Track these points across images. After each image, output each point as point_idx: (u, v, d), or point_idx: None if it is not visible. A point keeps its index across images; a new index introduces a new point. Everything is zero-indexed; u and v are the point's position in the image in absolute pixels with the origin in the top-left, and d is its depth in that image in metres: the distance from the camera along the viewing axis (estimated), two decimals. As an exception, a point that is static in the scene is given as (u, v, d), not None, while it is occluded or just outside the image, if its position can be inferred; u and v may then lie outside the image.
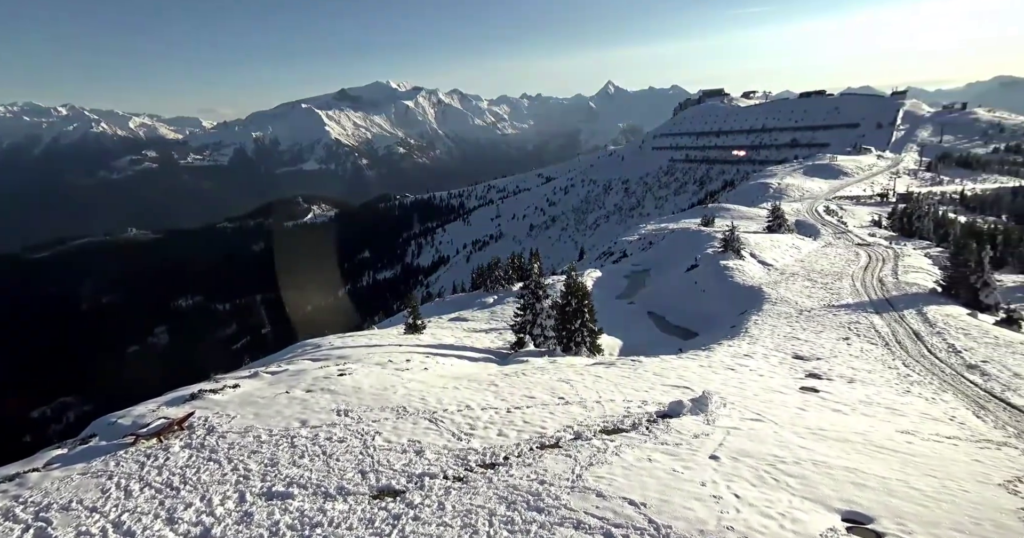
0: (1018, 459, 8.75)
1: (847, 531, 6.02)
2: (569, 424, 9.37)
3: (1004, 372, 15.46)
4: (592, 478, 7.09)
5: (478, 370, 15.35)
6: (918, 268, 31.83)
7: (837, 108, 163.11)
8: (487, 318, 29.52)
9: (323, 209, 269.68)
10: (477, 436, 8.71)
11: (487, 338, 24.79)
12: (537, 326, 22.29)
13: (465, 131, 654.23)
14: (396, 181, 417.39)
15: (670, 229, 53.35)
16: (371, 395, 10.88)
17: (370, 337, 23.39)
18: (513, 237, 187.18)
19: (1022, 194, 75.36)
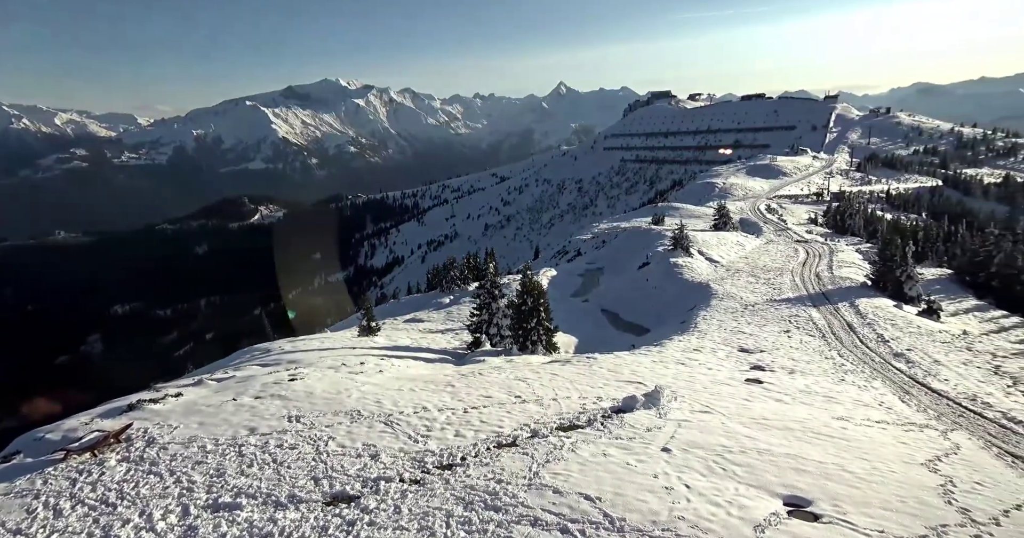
0: (937, 440, 9.44)
1: (788, 515, 6.32)
2: (526, 422, 9.43)
3: (926, 359, 16.63)
4: (549, 475, 7.17)
5: (434, 371, 15.24)
6: (850, 263, 33.76)
7: (776, 111, 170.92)
8: (443, 318, 29.32)
9: (271, 209, 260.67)
10: (434, 437, 8.65)
11: (443, 339, 24.63)
12: (493, 325, 22.30)
13: (418, 130, 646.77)
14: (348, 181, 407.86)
15: (622, 228, 54.45)
16: (324, 400, 10.61)
17: (323, 340, 22.81)
18: (468, 237, 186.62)
19: (939, 193, 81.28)
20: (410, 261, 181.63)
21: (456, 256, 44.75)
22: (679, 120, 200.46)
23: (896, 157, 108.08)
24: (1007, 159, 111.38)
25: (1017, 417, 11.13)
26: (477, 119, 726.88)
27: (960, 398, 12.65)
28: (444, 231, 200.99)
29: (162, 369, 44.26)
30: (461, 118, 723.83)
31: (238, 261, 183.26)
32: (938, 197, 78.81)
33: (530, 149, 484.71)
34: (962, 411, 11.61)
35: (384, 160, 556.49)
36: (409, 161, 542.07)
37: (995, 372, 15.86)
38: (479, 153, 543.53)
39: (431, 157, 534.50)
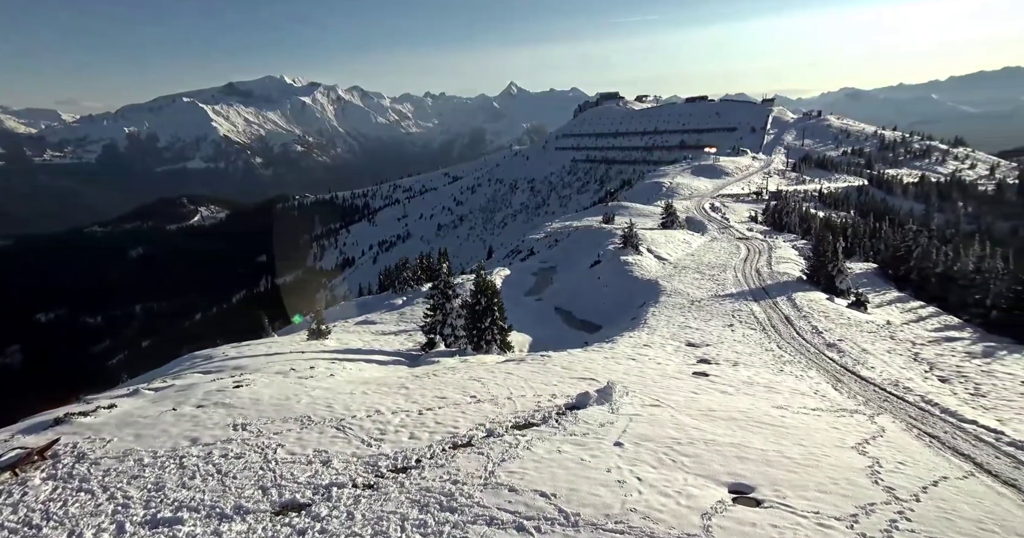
0: (866, 424, 10.09)
1: (733, 501, 6.60)
2: (481, 422, 9.44)
3: (855, 348, 17.72)
4: (504, 474, 7.21)
5: (388, 373, 15.01)
6: (787, 259, 35.52)
7: (718, 113, 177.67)
8: (396, 320, 28.90)
9: (212, 210, 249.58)
10: (388, 441, 8.52)
11: (397, 340, 24.29)
12: (447, 326, 22.18)
13: (368, 129, 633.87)
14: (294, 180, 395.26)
15: (574, 227, 55.18)
16: (272, 406, 10.26)
17: (270, 345, 22.04)
18: (421, 237, 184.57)
19: (865, 192, 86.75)
20: (361, 262, 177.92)
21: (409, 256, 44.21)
22: (627, 121, 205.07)
23: (827, 158, 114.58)
24: (922, 160, 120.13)
25: (933, 400, 12.04)
26: (428, 118, 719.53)
27: (885, 384, 13.56)
28: (396, 231, 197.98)
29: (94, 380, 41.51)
30: (412, 117, 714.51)
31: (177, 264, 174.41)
32: (864, 196, 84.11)
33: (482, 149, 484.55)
34: (887, 396, 12.44)
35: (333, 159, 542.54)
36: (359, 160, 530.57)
37: (914, 359, 17.10)
38: (431, 152, 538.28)
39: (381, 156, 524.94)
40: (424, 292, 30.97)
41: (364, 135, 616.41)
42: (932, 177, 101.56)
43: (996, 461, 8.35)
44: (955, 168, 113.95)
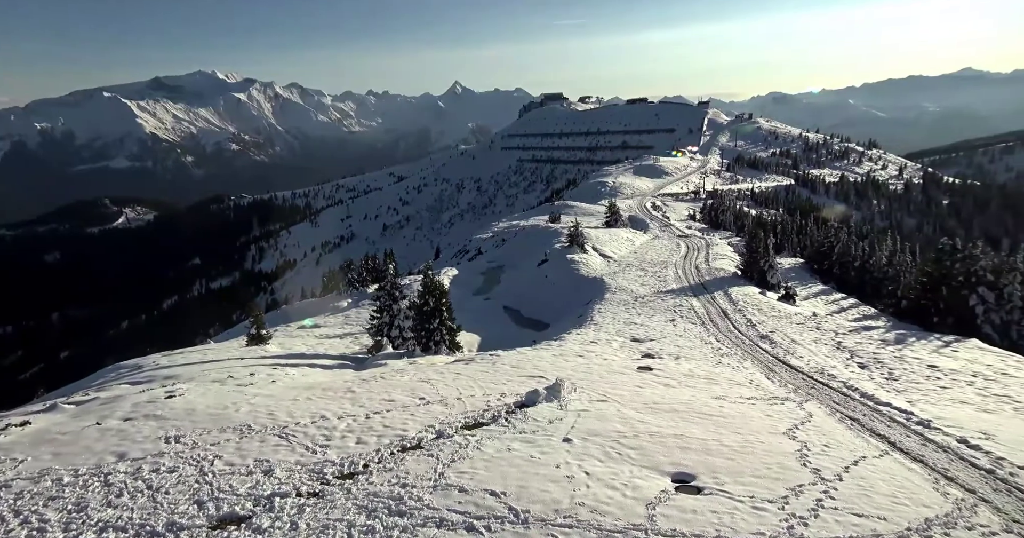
0: (795, 410, 10.73)
1: (675, 490, 6.85)
2: (431, 423, 9.36)
3: (785, 339, 18.80)
4: (454, 474, 7.18)
5: (333, 378, 14.61)
6: (724, 255, 37.18)
7: (657, 114, 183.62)
8: (341, 323, 28.19)
9: (139, 212, 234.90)
10: (334, 446, 8.30)
11: (342, 343, 23.70)
12: (395, 328, 21.85)
13: (308, 127, 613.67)
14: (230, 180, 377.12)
15: (521, 226, 55.55)
16: (208, 416, 9.77)
17: (205, 352, 20.96)
18: (366, 238, 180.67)
19: (792, 191, 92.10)
20: (303, 264, 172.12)
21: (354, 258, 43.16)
22: (571, 122, 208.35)
23: (758, 159, 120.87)
24: (842, 161, 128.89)
25: (854, 385, 12.94)
26: (371, 117, 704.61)
27: (812, 372, 14.44)
28: (340, 232, 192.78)
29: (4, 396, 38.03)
30: (354, 116, 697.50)
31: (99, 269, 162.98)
32: (792, 194, 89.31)
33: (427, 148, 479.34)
34: (814, 383, 13.26)
35: (271, 158, 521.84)
36: (299, 160, 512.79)
37: (837, 347, 18.32)
38: (375, 152, 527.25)
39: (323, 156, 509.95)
40: (370, 294, 30.37)
41: (304, 134, 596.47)
42: (850, 177, 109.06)
43: (907, 439, 9.07)
44: (870, 168, 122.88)
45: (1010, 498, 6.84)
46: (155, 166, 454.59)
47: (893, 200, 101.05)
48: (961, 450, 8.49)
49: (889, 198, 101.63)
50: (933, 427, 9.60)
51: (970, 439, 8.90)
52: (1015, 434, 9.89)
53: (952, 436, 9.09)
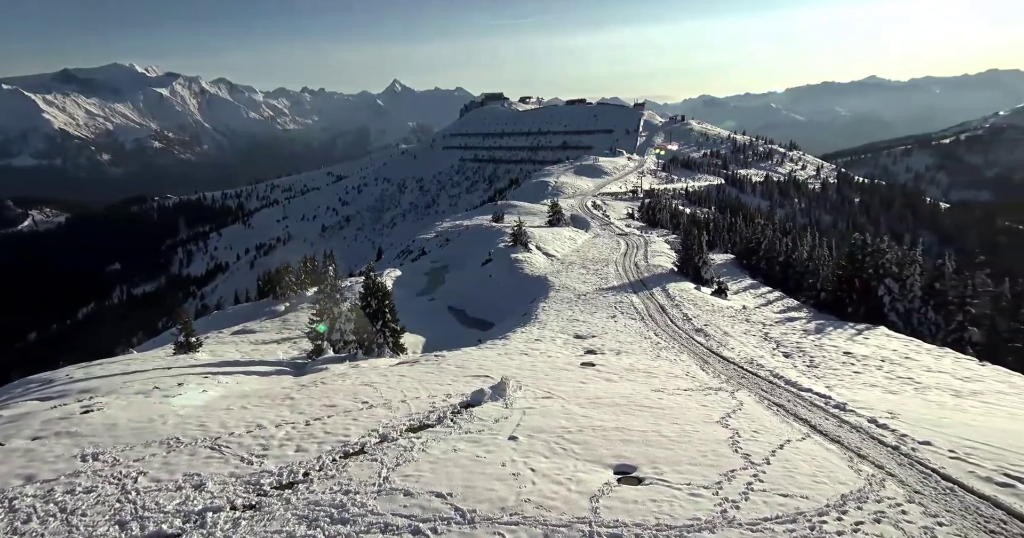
0: (728, 400, 11.30)
1: (618, 482, 7.06)
2: (375, 428, 9.19)
3: (718, 332, 19.74)
4: (399, 478, 7.09)
5: (270, 385, 14.05)
6: (661, 253, 38.56)
7: (596, 116, 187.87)
8: (279, 327, 27.12)
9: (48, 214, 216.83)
10: (272, 456, 7.99)
11: (280, 349, 22.81)
12: (336, 331, 21.26)
13: (238, 125, 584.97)
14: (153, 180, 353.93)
15: (465, 226, 55.40)
16: (131, 430, 9.16)
17: (128, 363, 19.59)
18: (304, 239, 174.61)
19: (723, 190, 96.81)
20: (236, 267, 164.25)
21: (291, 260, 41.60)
22: (512, 122, 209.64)
23: (691, 159, 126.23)
24: (766, 161, 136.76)
25: (779, 373, 13.78)
26: (307, 115, 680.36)
27: (742, 362, 15.24)
28: (275, 234, 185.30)
29: None
30: (289, 113, 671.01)
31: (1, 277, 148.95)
32: (722, 193, 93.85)
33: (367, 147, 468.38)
34: (744, 373, 14.00)
35: (198, 157, 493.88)
36: (229, 158, 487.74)
37: (765, 338, 19.44)
38: (312, 151, 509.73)
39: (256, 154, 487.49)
40: (310, 297, 29.40)
41: (234, 131, 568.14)
42: (774, 177, 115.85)
43: (825, 422, 9.76)
44: (791, 169, 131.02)
45: (912, 471, 7.51)
46: (65, 164, 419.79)
47: (812, 198, 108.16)
48: (871, 429, 9.22)
49: (808, 197, 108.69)
50: (848, 409, 10.36)
51: (879, 419, 9.68)
52: (916, 413, 10.85)
53: (864, 417, 9.86)
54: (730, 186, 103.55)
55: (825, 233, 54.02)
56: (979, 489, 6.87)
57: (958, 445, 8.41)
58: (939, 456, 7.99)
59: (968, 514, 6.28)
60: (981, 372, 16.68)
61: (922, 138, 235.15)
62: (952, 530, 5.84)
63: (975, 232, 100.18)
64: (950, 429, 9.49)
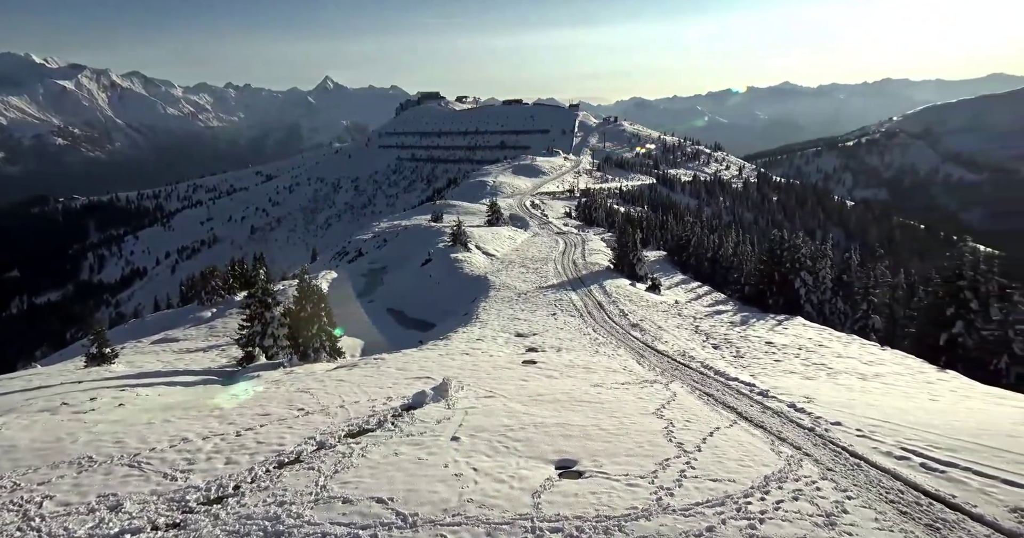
0: (662, 391, 11.78)
1: (559, 477, 7.19)
2: (311, 435, 8.89)
3: (653, 326, 20.52)
4: (338, 486, 6.91)
5: (197, 395, 13.28)
6: (598, 251, 39.57)
7: (532, 116, 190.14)
8: (205, 335, 25.68)
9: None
10: (198, 470, 7.56)
11: (207, 357, 21.63)
12: (268, 337, 20.37)
13: (155, 121, 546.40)
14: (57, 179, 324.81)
15: (403, 226, 54.63)
16: (34, 452, 8.39)
17: (30, 379, 17.90)
18: (232, 242, 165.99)
19: (654, 189, 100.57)
20: (156, 273, 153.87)
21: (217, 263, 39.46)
22: (450, 121, 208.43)
23: (624, 159, 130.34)
24: (694, 162, 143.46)
25: (709, 364, 14.52)
26: (232, 111, 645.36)
27: (675, 355, 15.93)
28: (199, 236, 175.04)
29: None
30: (212, 109, 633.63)
31: None
32: (654, 193, 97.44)
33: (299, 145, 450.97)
34: (677, 365, 14.64)
35: (110, 155, 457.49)
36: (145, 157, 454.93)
37: (695, 331, 20.41)
38: (239, 149, 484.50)
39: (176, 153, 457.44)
40: (239, 302, 28.05)
41: (150, 128, 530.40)
42: (701, 176, 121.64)
43: (750, 409, 10.38)
44: (716, 169, 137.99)
45: (826, 451, 8.13)
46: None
47: (735, 197, 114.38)
48: (790, 414, 9.91)
49: (732, 195, 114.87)
50: (770, 396, 11.07)
51: (797, 403, 10.41)
52: (829, 396, 11.76)
53: (784, 402, 10.57)
54: (661, 185, 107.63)
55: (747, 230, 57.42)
56: (881, 463, 7.54)
57: (864, 424, 9.19)
58: (848, 435, 8.70)
59: (872, 487, 6.87)
60: (882, 356, 18.29)
61: (830, 141, 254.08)
62: (859, 502, 6.37)
63: (875, 228, 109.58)
64: (857, 410, 10.36)
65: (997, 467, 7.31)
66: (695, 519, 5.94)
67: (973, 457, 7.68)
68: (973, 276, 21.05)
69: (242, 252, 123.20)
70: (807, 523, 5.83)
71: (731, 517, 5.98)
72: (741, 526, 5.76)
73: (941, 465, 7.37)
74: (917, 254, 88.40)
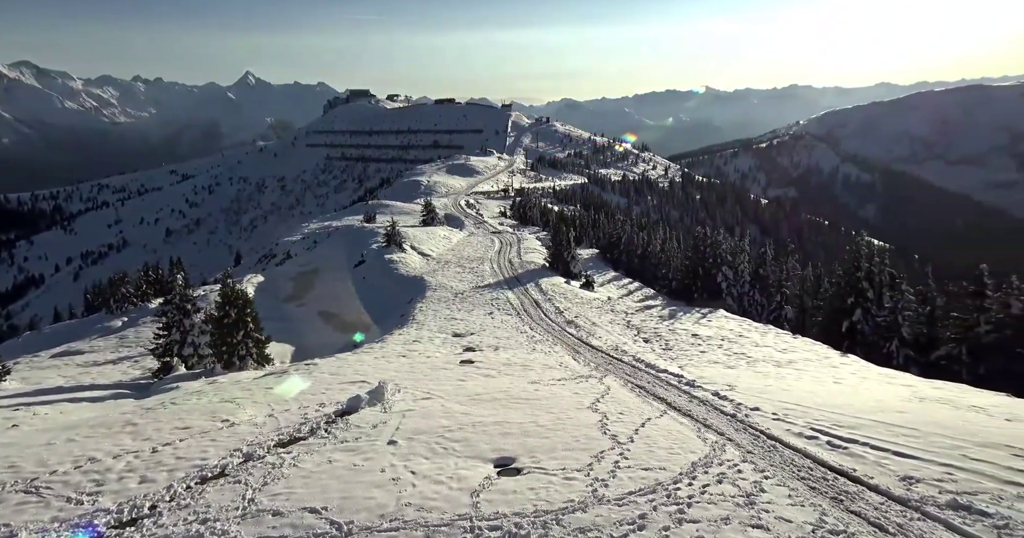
0: (597, 385, 12.12)
1: (498, 475, 7.24)
2: (237, 447, 8.45)
3: (587, 323, 21.06)
4: (267, 498, 6.61)
5: (106, 411, 12.28)
6: (533, 249, 40.07)
7: (465, 115, 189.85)
8: (115, 346, 23.81)
9: None
10: (108, 492, 7.00)
11: (117, 370, 20.07)
12: (188, 345, 19.19)
13: (51, 116, 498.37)
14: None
15: (335, 227, 53.04)
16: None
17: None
18: (144, 245, 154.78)
19: (586, 189, 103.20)
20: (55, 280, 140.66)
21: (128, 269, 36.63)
22: (381, 120, 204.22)
23: (557, 159, 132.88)
24: (623, 162, 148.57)
25: (640, 358, 15.11)
26: (142, 107, 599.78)
27: (609, 350, 16.44)
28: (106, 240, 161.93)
29: None
30: (118, 104, 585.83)
31: None
32: (586, 192, 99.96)
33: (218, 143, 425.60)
34: (611, 360, 15.11)
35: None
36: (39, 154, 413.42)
37: (627, 326, 21.14)
38: (150, 146, 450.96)
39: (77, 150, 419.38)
40: (154, 309, 26.25)
41: (45, 123, 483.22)
42: (630, 176, 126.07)
43: (678, 399, 10.90)
44: (644, 169, 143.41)
45: (746, 435, 8.68)
46: None
47: (662, 196, 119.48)
48: (715, 401, 10.49)
49: (659, 194, 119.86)
50: (696, 385, 11.67)
51: (720, 391, 11.04)
52: (748, 383, 12.55)
53: (709, 391, 11.17)
54: (593, 185, 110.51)
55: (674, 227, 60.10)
56: (794, 443, 8.15)
57: (779, 408, 9.89)
58: (765, 419, 9.33)
59: (786, 466, 7.42)
60: (794, 344, 19.74)
61: (745, 142, 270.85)
62: (775, 481, 6.86)
63: (786, 224, 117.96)
64: (773, 395, 11.12)
65: (890, 441, 8.10)
66: (628, 508, 6.16)
67: (870, 433, 8.46)
68: (868, 268, 23.12)
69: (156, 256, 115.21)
70: (730, 504, 6.21)
71: (662, 503, 6.25)
72: (671, 511, 6.05)
73: (844, 442, 8.07)
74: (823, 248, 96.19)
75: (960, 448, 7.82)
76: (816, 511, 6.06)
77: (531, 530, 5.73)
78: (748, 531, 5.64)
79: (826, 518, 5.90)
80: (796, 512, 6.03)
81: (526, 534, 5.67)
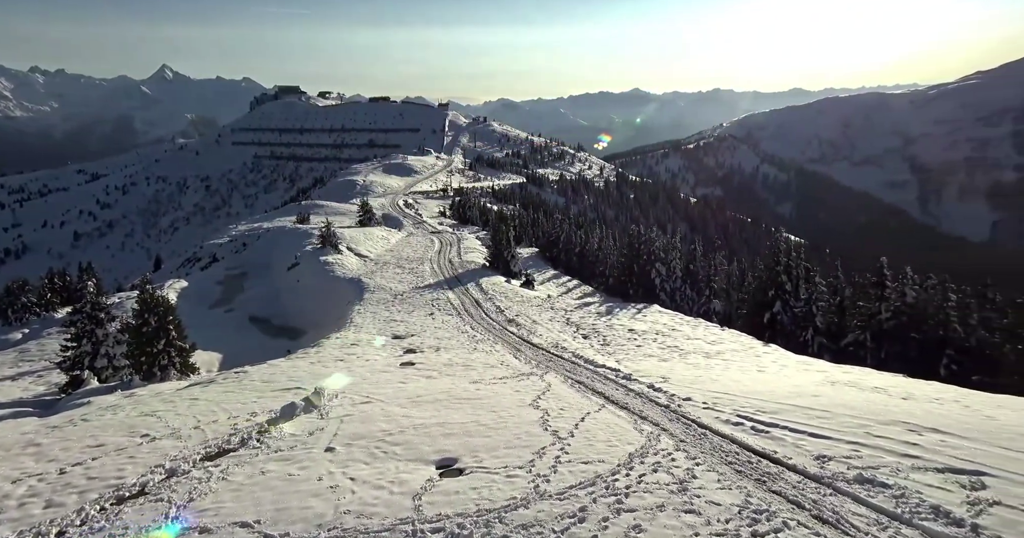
0: (538, 383, 12.29)
1: (440, 476, 7.21)
2: (159, 463, 7.95)
3: (528, 321, 21.28)
4: (193, 515, 6.27)
5: (3, 432, 11.19)
6: (473, 249, 40.01)
7: (401, 114, 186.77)
8: (14, 360, 21.74)
9: None
10: (6, 520, 6.41)
11: (17, 386, 18.35)
12: (101, 357, 17.80)
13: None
14: None
15: (265, 228, 50.82)
16: None
17: None
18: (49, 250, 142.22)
19: (525, 188, 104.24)
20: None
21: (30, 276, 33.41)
22: (313, 117, 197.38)
23: (495, 159, 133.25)
24: (560, 162, 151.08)
25: (579, 354, 15.45)
26: (42, 100, 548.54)
27: (549, 347, 16.69)
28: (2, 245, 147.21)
29: None
30: (13, 97, 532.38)
31: None
32: (525, 191, 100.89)
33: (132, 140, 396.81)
34: (551, 357, 15.35)
35: None
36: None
37: (567, 323, 21.54)
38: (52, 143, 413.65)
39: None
40: (60, 319, 24.18)
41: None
42: (567, 175, 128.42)
43: (616, 392, 11.25)
44: (580, 168, 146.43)
45: (679, 425, 9.09)
46: None
47: (598, 195, 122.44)
48: (650, 394, 10.91)
49: (595, 193, 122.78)
50: (633, 379, 12.08)
51: (655, 384, 11.49)
52: (681, 375, 13.13)
53: (644, 384, 11.60)
54: (531, 184, 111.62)
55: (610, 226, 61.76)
56: (722, 430, 8.62)
57: (709, 397, 10.41)
58: (696, 408, 9.80)
59: (716, 452, 7.83)
60: (722, 336, 20.82)
61: (675, 144, 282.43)
62: (705, 467, 7.23)
63: (713, 222, 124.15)
64: (703, 385, 11.69)
65: (806, 423, 8.73)
66: (569, 502, 6.31)
67: (789, 417, 9.08)
68: (787, 262, 24.75)
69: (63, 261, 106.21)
70: (664, 492, 6.49)
71: (601, 495, 6.44)
72: (610, 502, 6.24)
73: (766, 426, 8.62)
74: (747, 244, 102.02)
75: (865, 426, 8.54)
76: (742, 493, 6.44)
77: (474, 530, 5.75)
78: (681, 516, 5.91)
79: (751, 499, 6.28)
80: (724, 495, 6.39)
81: (469, 534, 5.69)
